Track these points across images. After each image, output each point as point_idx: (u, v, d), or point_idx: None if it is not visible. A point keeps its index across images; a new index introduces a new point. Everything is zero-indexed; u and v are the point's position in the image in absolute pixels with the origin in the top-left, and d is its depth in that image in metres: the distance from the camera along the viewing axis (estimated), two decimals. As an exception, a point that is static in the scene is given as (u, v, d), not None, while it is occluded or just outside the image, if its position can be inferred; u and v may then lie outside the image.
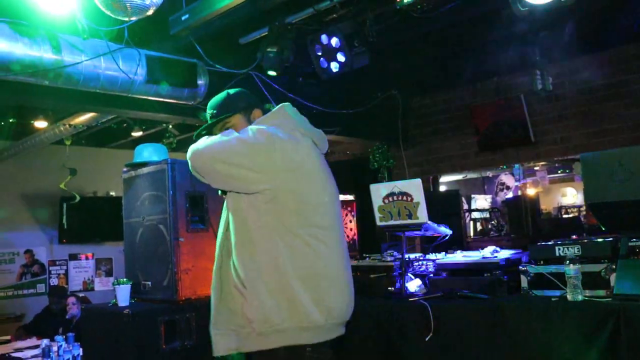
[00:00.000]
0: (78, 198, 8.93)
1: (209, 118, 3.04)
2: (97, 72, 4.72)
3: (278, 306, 2.64)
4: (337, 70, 5.25)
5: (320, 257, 2.72)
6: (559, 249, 3.69)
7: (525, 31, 5.64)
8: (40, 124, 7.80)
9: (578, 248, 3.61)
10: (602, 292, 3.43)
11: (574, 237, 4.21)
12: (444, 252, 4.74)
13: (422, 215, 4.18)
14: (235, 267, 2.72)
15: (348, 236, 10.08)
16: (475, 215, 11.22)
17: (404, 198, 4.24)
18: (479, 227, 10.99)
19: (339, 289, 2.79)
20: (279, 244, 2.67)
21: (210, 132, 2.98)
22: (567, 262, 3.39)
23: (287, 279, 2.65)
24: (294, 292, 2.65)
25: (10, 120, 7.71)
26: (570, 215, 13.07)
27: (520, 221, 8.63)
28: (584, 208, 12.91)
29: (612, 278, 3.39)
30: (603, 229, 3.83)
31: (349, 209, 10.85)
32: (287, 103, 3.00)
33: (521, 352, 3.51)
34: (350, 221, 10.83)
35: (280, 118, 2.89)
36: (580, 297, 3.37)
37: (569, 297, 3.40)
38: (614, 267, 3.41)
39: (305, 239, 2.69)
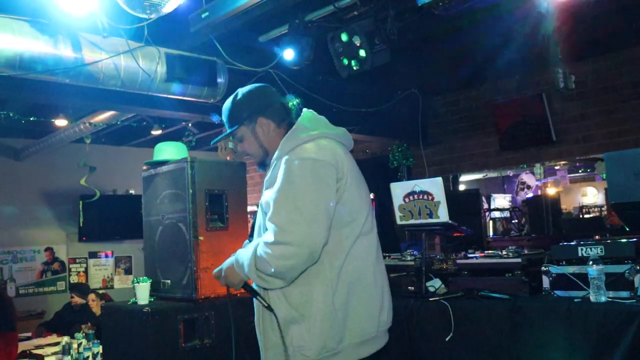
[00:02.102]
0: (98, 193, 8.97)
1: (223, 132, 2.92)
2: (117, 70, 4.73)
3: (332, 328, 2.52)
4: (357, 68, 5.22)
5: (367, 265, 2.65)
6: (582, 249, 3.63)
7: (547, 28, 5.58)
8: (61, 122, 7.86)
9: (601, 248, 3.55)
10: (625, 294, 3.37)
11: (596, 237, 4.16)
12: (464, 252, 4.70)
13: (443, 214, 4.14)
14: (284, 296, 2.57)
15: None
16: (495, 214, 11.15)
17: (425, 197, 4.21)
18: (499, 226, 10.91)
19: (381, 294, 2.72)
20: (333, 263, 2.54)
21: (227, 140, 2.92)
22: (590, 262, 3.34)
23: (341, 297, 2.54)
24: (347, 309, 2.55)
25: (31, 119, 7.76)
26: (591, 215, 12.94)
27: (541, 221, 8.57)
28: (605, 208, 12.80)
29: (636, 279, 3.34)
30: (627, 229, 3.78)
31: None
32: (307, 110, 2.86)
33: (543, 353, 3.47)
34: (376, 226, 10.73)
35: (312, 128, 2.72)
36: (603, 299, 3.32)
37: (592, 298, 3.35)
38: (638, 268, 3.35)
39: (354, 251, 2.60)
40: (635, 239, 3.58)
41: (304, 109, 2.87)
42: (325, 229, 2.47)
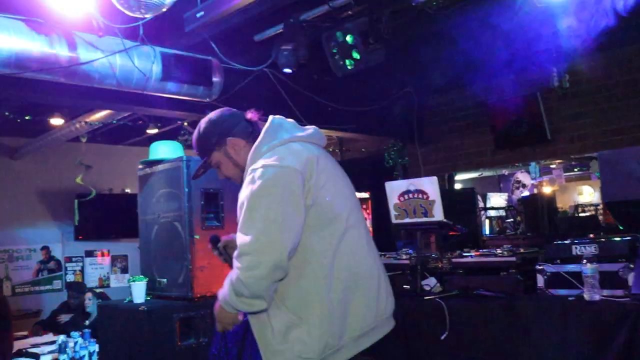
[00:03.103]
0: (94, 192, 8.96)
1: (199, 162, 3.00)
2: (112, 69, 4.73)
3: (332, 326, 2.52)
4: (352, 67, 5.22)
5: (359, 258, 2.66)
6: (576, 248, 3.65)
7: (542, 28, 5.60)
8: (56, 121, 7.85)
9: (595, 247, 3.57)
10: (619, 292, 3.39)
11: (591, 236, 4.17)
12: (459, 251, 4.72)
13: (438, 213, 4.15)
14: (281, 301, 2.58)
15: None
16: (491, 213, 11.17)
17: (420, 196, 4.22)
18: (494, 225, 10.93)
19: (377, 284, 2.71)
20: (322, 262, 2.55)
21: (204, 170, 2.96)
22: (584, 261, 3.36)
23: (337, 294, 2.54)
24: (345, 305, 2.55)
25: (27, 118, 7.75)
26: (587, 214, 12.97)
27: (537, 219, 8.59)
28: (600, 206, 12.82)
29: (630, 277, 3.36)
30: (621, 227, 3.80)
31: (364, 206, 10.85)
32: (274, 117, 2.83)
33: (537, 351, 3.49)
34: (365, 219, 10.78)
35: (274, 137, 2.71)
36: (597, 297, 3.34)
37: (586, 296, 3.37)
38: (631, 266, 3.37)
39: (342, 247, 2.59)
40: (629, 238, 3.60)
41: (270, 117, 2.84)
42: (289, 235, 2.46)
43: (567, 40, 6.00)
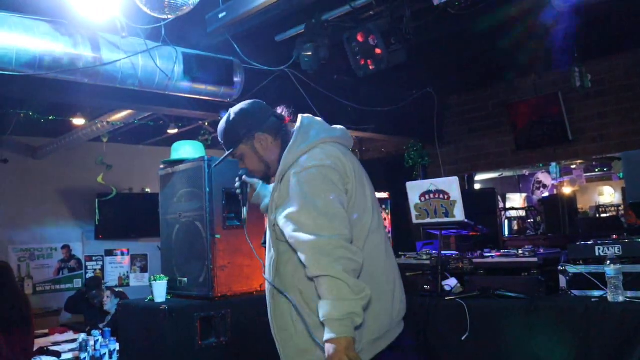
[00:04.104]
0: (115, 191, 9.02)
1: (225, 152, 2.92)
2: (135, 69, 4.76)
3: None
4: (373, 67, 5.21)
5: (378, 262, 2.68)
6: (599, 249, 3.62)
7: (564, 27, 5.56)
8: (78, 121, 7.91)
9: (619, 248, 3.54)
10: (643, 293, 3.36)
11: (614, 236, 4.14)
12: (480, 251, 4.70)
13: (459, 213, 4.14)
14: (306, 304, 2.59)
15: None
16: (511, 214, 11.11)
17: (441, 196, 4.21)
18: (515, 226, 10.87)
19: (393, 288, 2.76)
20: None
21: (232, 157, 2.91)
22: (608, 262, 3.33)
23: None
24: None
25: (50, 118, 7.82)
26: (608, 215, 12.86)
27: (557, 220, 8.52)
28: (622, 207, 12.72)
29: (654, 279, 3.33)
30: (644, 228, 3.76)
31: (383, 206, 10.84)
32: (304, 116, 2.85)
33: (559, 353, 3.46)
34: (385, 219, 10.81)
35: (307, 137, 2.73)
36: (621, 298, 3.31)
37: (610, 298, 3.34)
38: (656, 267, 3.34)
39: (365, 251, 2.60)
40: (653, 239, 3.58)
41: (300, 116, 2.86)
42: (348, 225, 2.50)
43: (588, 39, 5.97)
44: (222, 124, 2.87)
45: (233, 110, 2.85)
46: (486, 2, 4.52)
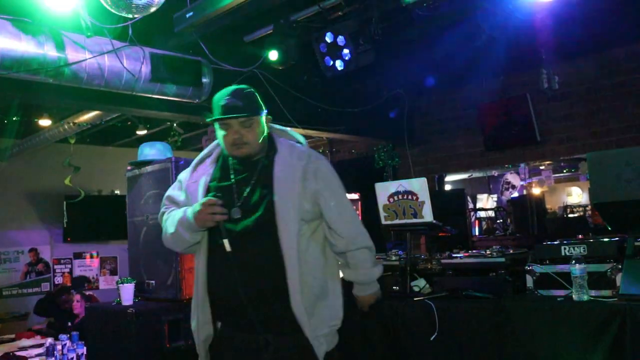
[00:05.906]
0: (83, 194, 8.91)
1: (238, 112, 2.72)
2: (101, 70, 4.70)
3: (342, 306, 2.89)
4: (342, 68, 5.22)
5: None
6: (565, 249, 3.66)
7: (533, 30, 5.61)
8: (45, 122, 7.82)
9: (584, 248, 3.58)
10: (607, 292, 3.40)
11: (579, 236, 4.18)
12: (448, 252, 4.72)
13: (427, 214, 4.15)
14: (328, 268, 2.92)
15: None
16: (480, 214, 11.20)
17: (409, 197, 4.22)
18: (484, 226, 10.96)
19: None
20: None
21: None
22: (573, 261, 3.36)
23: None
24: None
25: (15, 119, 7.71)
26: (576, 215, 13.02)
27: (526, 220, 8.62)
28: (589, 207, 12.87)
29: (618, 278, 3.36)
30: (609, 228, 3.80)
31: (354, 207, 10.83)
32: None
33: (526, 352, 3.49)
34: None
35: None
36: (585, 297, 3.34)
37: (575, 297, 3.37)
38: (620, 267, 3.38)
39: None
40: (617, 238, 3.61)
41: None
42: None
43: (557, 42, 6.03)
44: (248, 89, 2.81)
45: (244, 87, 2.82)
46: (454, 4, 4.55)
